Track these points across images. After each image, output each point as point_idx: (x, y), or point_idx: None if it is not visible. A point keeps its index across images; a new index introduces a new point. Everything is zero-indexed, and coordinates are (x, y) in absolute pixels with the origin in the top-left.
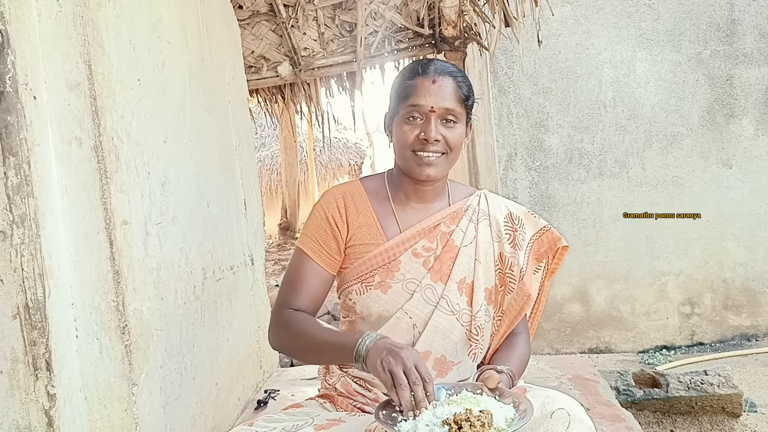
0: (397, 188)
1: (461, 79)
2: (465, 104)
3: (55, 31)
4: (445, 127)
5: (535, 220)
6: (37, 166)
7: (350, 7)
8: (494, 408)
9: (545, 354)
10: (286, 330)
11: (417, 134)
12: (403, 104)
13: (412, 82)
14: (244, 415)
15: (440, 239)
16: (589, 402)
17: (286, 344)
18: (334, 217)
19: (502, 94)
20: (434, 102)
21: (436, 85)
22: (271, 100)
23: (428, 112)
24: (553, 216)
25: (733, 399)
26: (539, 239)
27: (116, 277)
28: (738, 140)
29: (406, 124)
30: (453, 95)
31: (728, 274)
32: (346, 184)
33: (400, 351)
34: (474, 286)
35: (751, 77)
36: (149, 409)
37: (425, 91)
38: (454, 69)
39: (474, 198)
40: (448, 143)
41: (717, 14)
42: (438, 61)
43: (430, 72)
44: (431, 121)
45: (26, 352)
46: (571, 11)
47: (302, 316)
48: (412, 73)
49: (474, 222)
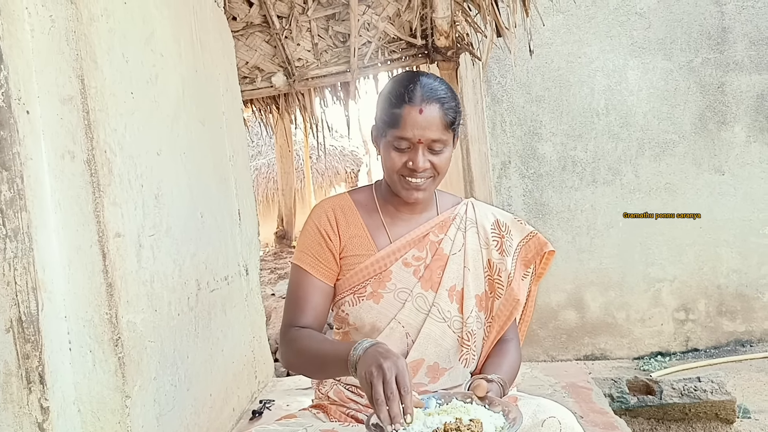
0: (385, 200)
1: (448, 104)
2: (451, 128)
3: (48, 46)
4: (433, 154)
5: (521, 227)
6: (30, 180)
7: (343, 18)
8: (484, 417)
9: (540, 361)
10: (292, 349)
11: (405, 162)
12: (390, 131)
13: (399, 111)
14: (239, 425)
15: (429, 248)
16: (582, 410)
17: (294, 363)
18: (327, 231)
19: (495, 102)
20: (421, 134)
21: (423, 115)
22: (265, 110)
23: (416, 143)
24: (547, 223)
25: (727, 405)
26: (526, 245)
27: (109, 290)
28: (730, 147)
29: (394, 151)
30: (439, 124)
31: (722, 280)
32: (335, 197)
33: (383, 362)
34: (464, 293)
35: (742, 84)
36: (143, 422)
37: (412, 122)
38: (441, 92)
39: (461, 207)
40: (435, 168)
41: (708, 22)
42: (426, 83)
43: (416, 100)
44: (419, 151)
45: (19, 365)
46: (563, 20)
47: (305, 333)
48: (399, 100)
49: (462, 230)
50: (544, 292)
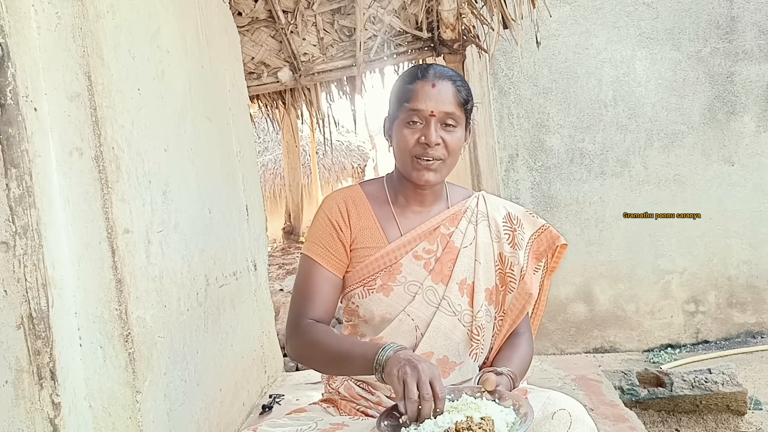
0: (396, 192)
1: (460, 83)
2: (464, 108)
3: (55, 43)
4: (445, 131)
5: (533, 220)
6: (38, 177)
7: (349, 12)
8: (495, 413)
9: (550, 354)
10: (305, 341)
11: (417, 138)
12: (402, 108)
13: (412, 86)
14: (249, 420)
15: (440, 241)
16: (592, 402)
17: (305, 355)
18: (338, 221)
19: (502, 95)
20: (434, 106)
21: (436, 89)
22: (271, 105)
23: (428, 116)
24: (556, 216)
25: (738, 397)
26: (538, 238)
27: (119, 286)
28: (739, 137)
29: (406, 128)
30: (452, 99)
31: (732, 272)
32: (346, 188)
33: (418, 363)
34: (475, 286)
35: (751, 74)
36: (153, 416)
37: (425, 95)
38: (453, 73)
39: (472, 200)
40: (447, 147)
41: (716, 12)
42: (437, 66)
43: (429, 76)
44: (431, 125)
45: (30, 361)
46: (570, 11)
47: (320, 327)
48: (412, 77)
49: (473, 223)
50: (553, 285)
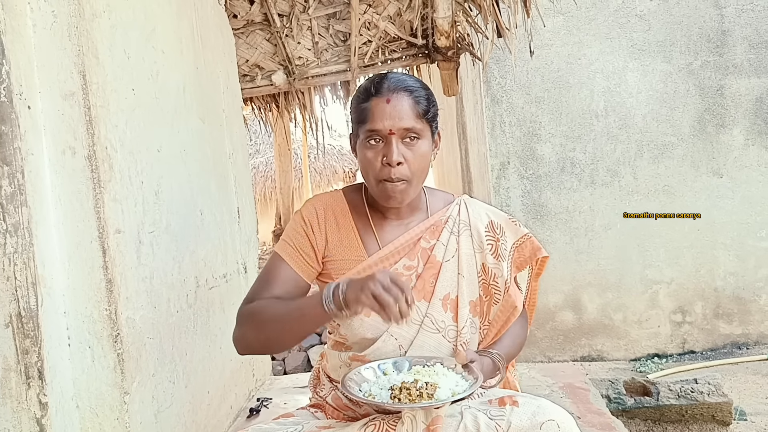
0: (373, 202)
1: (418, 93)
2: (425, 118)
3: (50, 41)
4: (408, 147)
5: (516, 228)
6: (30, 175)
7: (344, 17)
8: (446, 382)
9: (538, 362)
10: (248, 321)
11: (380, 159)
12: (361, 128)
13: (367, 104)
14: (236, 423)
15: (421, 256)
16: (580, 410)
17: (249, 336)
18: (312, 226)
19: (495, 103)
20: (391, 124)
21: (391, 104)
22: (265, 108)
23: (387, 135)
24: (546, 225)
25: (723, 407)
26: (520, 246)
27: (109, 286)
28: (728, 150)
29: (368, 149)
30: (410, 112)
31: (719, 283)
32: (329, 195)
33: (374, 275)
34: (458, 301)
35: (741, 87)
36: (141, 418)
37: (381, 113)
38: (410, 83)
39: (453, 207)
40: (410, 166)
41: (707, 25)
42: (392, 77)
43: (383, 91)
44: (392, 143)
45: (18, 360)
46: (563, 22)
47: (261, 302)
48: (366, 94)
49: (455, 234)
50: (541, 293)
